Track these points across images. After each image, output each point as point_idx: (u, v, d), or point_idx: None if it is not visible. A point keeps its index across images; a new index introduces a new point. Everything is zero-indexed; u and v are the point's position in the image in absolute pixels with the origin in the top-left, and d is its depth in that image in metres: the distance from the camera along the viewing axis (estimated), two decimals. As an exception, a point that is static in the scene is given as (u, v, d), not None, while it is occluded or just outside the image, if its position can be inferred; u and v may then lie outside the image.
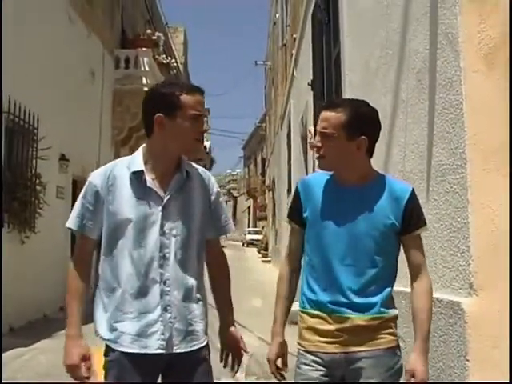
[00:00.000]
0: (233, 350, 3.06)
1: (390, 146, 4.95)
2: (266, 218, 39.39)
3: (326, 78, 8.93)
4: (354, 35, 6.77)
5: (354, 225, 2.71)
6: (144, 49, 17.97)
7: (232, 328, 3.06)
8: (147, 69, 17.65)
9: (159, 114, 2.72)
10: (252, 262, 28.86)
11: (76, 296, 2.80)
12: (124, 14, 18.88)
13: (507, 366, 3.23)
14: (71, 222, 2.87)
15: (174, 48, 27.05)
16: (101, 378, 2.82)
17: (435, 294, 3.64)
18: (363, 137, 2.69)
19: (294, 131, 15.55)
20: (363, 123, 2.71)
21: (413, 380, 2.60)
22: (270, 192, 33.49)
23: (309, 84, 10.44)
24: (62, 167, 12.73)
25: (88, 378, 2.72)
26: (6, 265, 9.35)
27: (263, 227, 45.64)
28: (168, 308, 2.74)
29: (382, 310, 2.71)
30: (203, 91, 2.84)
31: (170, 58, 21.28)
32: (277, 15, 22.71)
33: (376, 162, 2.86)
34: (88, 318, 2.83)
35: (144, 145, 2.89)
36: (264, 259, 30.28)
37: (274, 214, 29.69)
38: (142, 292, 2.73)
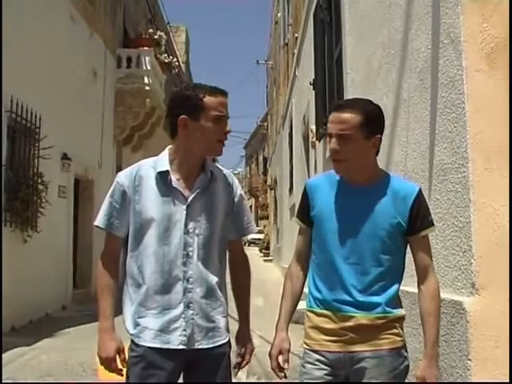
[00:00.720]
0: (242, 349, 3.12)
1: (391, 146, 4.95)
2: (267, 218, 39.41)
3: (327, 78, 8.93)
4: (356, 34, 6.77)
5: (359, 224, 2.72)
6: (146, 48, 17.97)
7: (245, 329, 3.17)
8: (149, 68, 17.64)
9: (183, 116, 2.79)
10: (253, 261, 28.59)
11: (106, 291, 2.88)
12: (126, 13, 18.88)
13: (508, 365, 3.23)
14: (100, 221, 2.93)
15: (175, 47, 27.05)
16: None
17: (437, 294, 3.65)
18: (378, 135, 2.72)
19: (295, 130, 15.55)
20: (376, 121, 2.73)
21: None
22: (272, 191, 33.46)
23: (310, 83, 10.44)
24: (64, 166, 12.73)
25: (122, 370, 2.82)
26: (9, 264, 9.36)
27: (265, 226, 45.64)
28: (190, 305, 2.82)
29: (387, 309, 2.70)
30: (226, 93, 2.90)
31: (171, 58, 21.27)
32: (278, 14, 22.69)
33: (378, 162, 2.85)
34: (117, 313, 2.91)
35: (169, 146, 2.96)
36: (265, 258, 30.26)
37: (275, 214, 29.67)
38: (165, 289, 2.81)
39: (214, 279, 2.91)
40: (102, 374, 2.94)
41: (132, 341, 2.85)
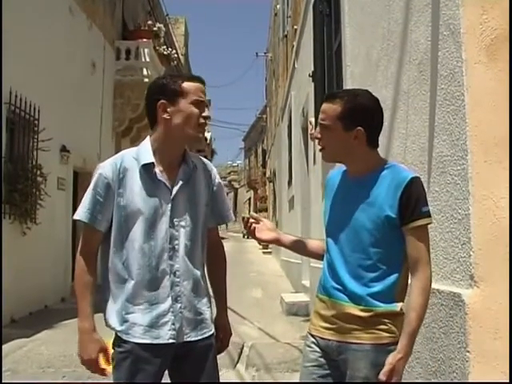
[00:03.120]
0: (221, 334, 3.15)
1: (390, 138, 4.95)
2: (266, 210, 39.38)
3: (327, 70, 8.91)
4: (355, 26, 6.75)
5: (353, 216, 2.73)
6: (145, 40, 17.96)
7: (224, 314, 3.19)
8: (148, 60, 17.64)
9: (162, 101, 2.79)
10: (252, 254, 28.88)
11: (86, 289, 2.84)
12: (125, 5, 18.86)
13: (507, 357, 3.24)
14: (81, 215, 2.84)
15: (174, 39, 27.01)
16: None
17: (436, 286, 3.66)
18: (359, 128, 2.69)
19: (294, 123, 15.53)
20: (359, 114, 2.70)
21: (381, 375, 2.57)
22: (271, 183, 33.47)
23: (310, 75, 10.42)
24: (63, 158, 12.74)
25: (104, 370, 2.81)
26: (8, 256, 9.38)
27: (264, 218, 45.55)
28: (178, 298, 2.82)
29: (374, 302, 2.67)
30: (203, 80, 2.91)
31: (170, 49, 21.23)
32: (278, 6, 22.64)
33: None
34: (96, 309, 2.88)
35: (148, 136, 2.94)
36: (264, 250, 30.24)
37: (274, 206, 29.68)
38: (152, 283, 2.79)
39: (199, 271, 2.93)
40: (101, 365, 2.92)
41: (118, 337, 2.82)
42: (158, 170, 2.83)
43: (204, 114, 2.85)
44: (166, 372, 2.96)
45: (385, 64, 5.28)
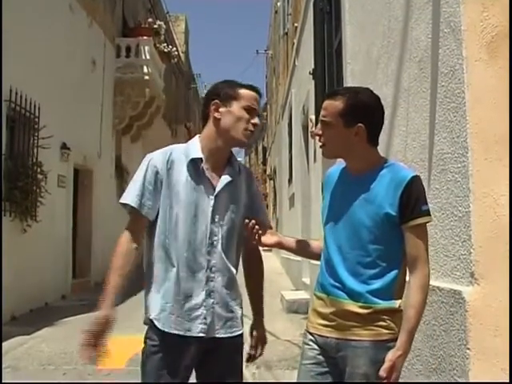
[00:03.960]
0: (258, 342, 3.24)
1: (391, 135, 4.95)
2: (267, 207, 39.42)
3: (327, 67, 8.91)
4: (356, 24, 6.75)
5: (352, 213, 2.75)
6: (145, 37, 17.97)
7: (261, 321, 3.26)
8: (148, 57, 17.65)
9: (216, 101, 2.90)
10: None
11: (117, 273, 2.81)
12: (125, 2, 18.86)
13: (507, 354, 3.24)
14: (131, 199, 2.87)
15: (175, 37, 27.02)
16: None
17: (436, 283, 3.66)
18: (360, 124, 2.70)
19: (295, 120, 15.53)
20: (360, 111, 2.72)
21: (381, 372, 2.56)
22: (271, 181, 33.46)
23: (310, 73, 10.41)
24: (63, 156, 12.75)
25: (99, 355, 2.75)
26: (8, 253, 9.39)
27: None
28: (212, 294, 2.88)
29: (373, 299, 2.68)
30: (259, 91, 3.02)
31: (171, 47, 21.26)
32: (278, 4, 22.63)
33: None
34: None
35: (198, 135, 3.03)
36: (265, 248, 30.13)
37: (274, 203, 29.68)
38: (189, 276, 2.84)
39: (233, 270, 2.98)
40: (101, 363, 2.89)
41: (151, 326, 2.86)
42: (204, 166, 2.90)
43: (253, 121, 2.92)
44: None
45: (385, 61, 5.28)
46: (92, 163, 14.78)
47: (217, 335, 2.88)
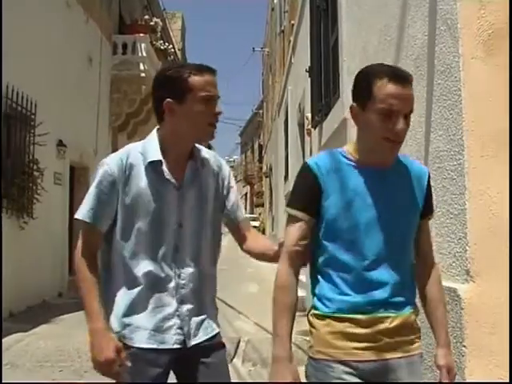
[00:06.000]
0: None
1: (387, 133, 4.95)
2: (262, 205, 39.43)
3: (323, 65, 8.91)
4: (352, 21, 6.75)
5: (387, 214, 2.38)
6: (141, 34, 17.90)
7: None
8: (145, 55, 17.60)
9: (168, 100, 2.57)
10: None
11: (92, 288, 2.58)
12: (121, -1, 18.82)
13: (503, 352, 3.25)
14: (84, 214, 2.63)
15: (171, 34, 26.95)
16: None
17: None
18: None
19: (291, 118, 15.53)
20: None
21: (445, 375, 2.43)
22: (267, 179, 33.47)
23: (306, 70, 10.42)
24: (60, 153, 12.72)
25: (119, 373, 2.54)
26: (5, 250, 9.38)
27: (260, 214, 45.67)
28: (184, 301, 2.66)
29: (414, 306, 2.47)
30: (214, 70, 2.65)
31: (167, 44, 21.20)
32: (275, 1, 22.64)
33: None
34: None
35: (156, 129, 2.75)
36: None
37: (270, 201, 29.68)
38: (157, 286, 2.62)
39: (205, 272, 2.75)
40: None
41: (121, 341, 2.59)
42: (165, 167, 2.63)
43: (215, 111, 2.62)
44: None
45: (381, 59, 5.28)
46: (88, 160, 14.75)
47: (193, 343, 2.66)
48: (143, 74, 17.29)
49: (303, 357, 2.86)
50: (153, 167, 2.62)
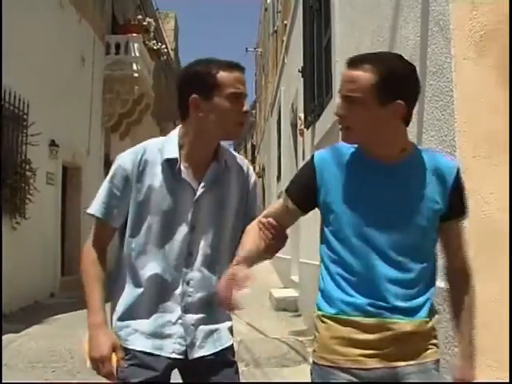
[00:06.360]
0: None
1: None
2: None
3: (316, 65, 8.92)
4: (345, 22, 6.76)
5: (396, 211, 2.24)
6: (134, 34, 17.91)
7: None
8: (137, 55, 17.61)
9: (194, 96, 2.44)
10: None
11: (96, 281, 2.50)
12: (114, -1, 18.80)
13: (496, 352, 3.26)
14: (97, 209, 2.53)
15: (164, 34, 26.93)
16: None
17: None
18: (399, 101, 2.15)
19: (284, 118, 15.53)
20: (399, 83, 2.17)
21: None
22: (260, 179, 33.46)
23: (299, 71, 10.42)
24: (52, 153, 12.71)
25: (113, 374, 2.44)
26: (-2, 251, 9.37)
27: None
28: (189, 309, 2.52)
29: (429, 313, 2.28)
30: (243, 67, 2.55)
31: (160, 44, 21.19)
32: (268, 1, 22.62)
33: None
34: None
35: (179, 127, 2.61)
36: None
37: (263, 201, 29.68)
38: (162, 290, 2.50)
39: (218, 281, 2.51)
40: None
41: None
42: (183, 166, 2.51)
43: (243, 109, 2.49)
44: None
45: (374, 60, 5.29)
46: (81, 160, 14.74)
47: (196, 355, 2.51)
48: (136, 74, 17.30)
49: (295, 357, 2.87)
50: (169, 165, 2.51)
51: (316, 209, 2.41)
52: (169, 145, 2.54)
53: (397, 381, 2.20)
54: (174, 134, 2.58)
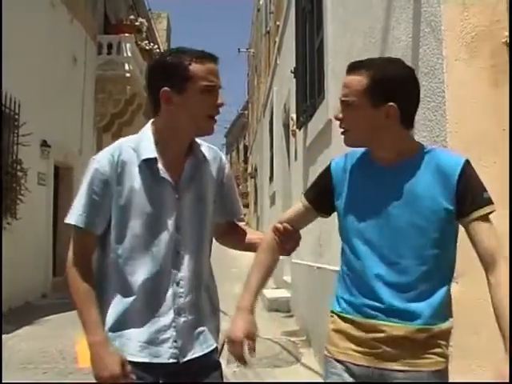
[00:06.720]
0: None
1: (372, 134, 4.96)
2: (247, 206, 39.42)
3: (308, 66, 8.92)
4: (337, 23, 6.76)
5: (396, 214, 2.25)
6: (127, 35, 17.92)
7: None
8: (130, 55, 17.61)
9: (165, 89, 2.33)
10: (233, 250, 28.84)
11: (89, 298, 2.37)
12: (106, -1, 18.78)
13: (486, 352, 3.26)
14: (76, 219, 2.39)
15: (157, 34, 26.92)
16: None
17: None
18: (391, 103, 2.20)
19: (276, 118, 15.53)
20: (390, 86, 2.21)
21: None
22: (252, 179, 33.46)
23: (292, 71, 10.42)
24: (44, 153, 12.68)
25: None
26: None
27: (245, 214, 45.60)
28: (181, 312, 2.45)
29: (431, 320, 2.23)
30: (216, 58, 2.43)
31: (152, 44, 21.20)
32: (261, 2, 22.62)
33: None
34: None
35: (150, 123, 2.51)
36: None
37: (255, 202, 29.68)
38: (154, 295, 2.41)
39: (205, 279, 2.57)
40: (83, 362, 2.67)
41: None
42: (161, 164, 2.42)
43: (217, 103, 2.40)
44: None
45: (366, 60, 5.30)
46: (73, 160, 14.70)
47: (192, 356, 2.48)
48: (128, 75, 17.29)
49: (288, 357, 2.87)
50: (147, 165, 2.40)
51: None
52: (144, 144, 2.44)
53: (385, 382, 2.23)
54: (147, 131, 2.49)
